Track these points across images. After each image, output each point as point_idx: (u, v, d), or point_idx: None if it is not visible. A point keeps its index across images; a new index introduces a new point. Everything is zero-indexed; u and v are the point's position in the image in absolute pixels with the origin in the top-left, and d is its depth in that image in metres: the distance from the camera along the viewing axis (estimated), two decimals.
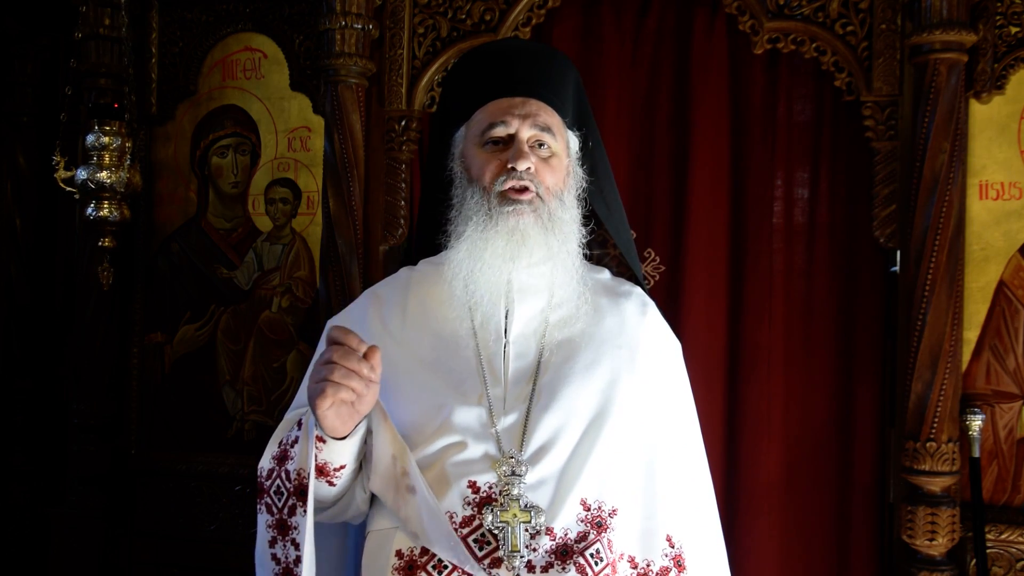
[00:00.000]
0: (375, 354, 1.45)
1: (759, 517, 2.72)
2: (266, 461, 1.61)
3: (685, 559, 1.64)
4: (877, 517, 2.68)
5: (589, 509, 1.56)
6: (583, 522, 1.55)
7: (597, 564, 1.53)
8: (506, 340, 1.68)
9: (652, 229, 2.81)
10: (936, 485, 2.48)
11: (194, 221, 3.20)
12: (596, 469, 1.58)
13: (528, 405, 1.62)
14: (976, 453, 2.51)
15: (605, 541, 1.55)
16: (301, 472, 1.53)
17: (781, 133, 2.75)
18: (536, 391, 1.63)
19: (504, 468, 1.55)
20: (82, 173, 2.91)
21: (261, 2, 3.12)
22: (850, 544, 2.69)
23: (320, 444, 1.52)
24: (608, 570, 1.55)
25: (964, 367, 2.56)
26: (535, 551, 1.51)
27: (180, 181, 3.22)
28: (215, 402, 3.14)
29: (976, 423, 2.51)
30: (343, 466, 1.56)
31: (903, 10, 2.57)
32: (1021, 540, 2.53)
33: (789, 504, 2.73)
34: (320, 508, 1.63)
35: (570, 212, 1.70)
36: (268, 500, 1.58)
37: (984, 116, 2.57)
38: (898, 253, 2.62)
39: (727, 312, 2.77)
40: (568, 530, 1.54)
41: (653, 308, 1.83)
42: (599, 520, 1.56)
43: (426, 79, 2.89)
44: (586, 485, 1.57)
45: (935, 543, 2.46)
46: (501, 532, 1.51)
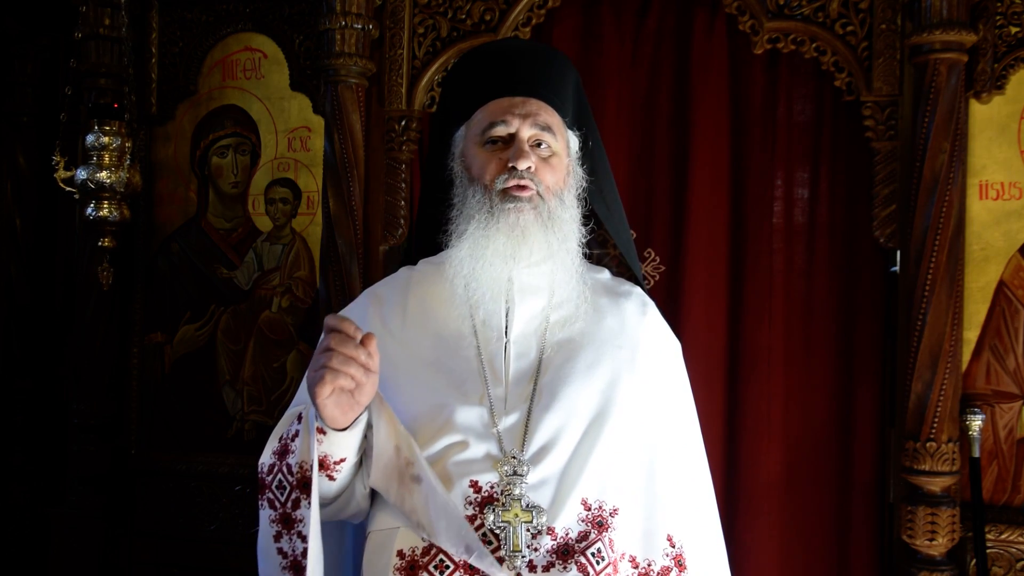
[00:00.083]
0: (371, 341, 1.44)
1: (759, 517, 2.72)
2: (266, 457, 1.61)
3: (686, 559, 1.64)
4: (877, 517, 2.69)
5: (590, 509, 1.56)
6: (584, 522, 1.55)
7: (599, 563, 1.53)
8: (507, 339, 1.68)
9: (652, 229, 2.81)
10: (936, 485, 2.48)
11: (194, 221, 3.20)
12: (597, 469, 1.58)
13: (529, 405, 1.62)
14: (976, 453, 2.51)
15: (606, 540, 1.55)
16: (303, 465, 1.53)
17: (781, 133, 2.75)
18: (537, 391, 1.63)
19: (506, 468, 1.55)
20: (82, 173, 2.91)
21: (261, 2, 3.12)
22: (850, 544, 2.69)
23: (320, 436, 1.52)
24: (609, 569, 1.54)
25: (964, 367, 2.57)
26: (536, 551, 1.51)
27: (180, 181, 3.22)
28: (215, 402, 3.14)
29: (976, 423, 2.51)
30: (343, 459, 1.55)
31: (903, 10, 2.57)
32: (1021, 540, 2.53)
33: (789, 504, 2.73)
34: (320, 504, 1.62)
35: (570, 211, 1.70)
36: (270, 495, 1.58)
37: (984, 116, 2.57)
38: (898, 253, 2.62)
39: (727, 312, 2.77)
40: (569, 530, 1.54)
41: (653, 308, 1.83)
42: (600, 519, 1.56)
43: (426, 79, 2.90)
44: (587, 485, 1.57)
45: (935, 543, 2.46)
46: (503, 532, 1.51)
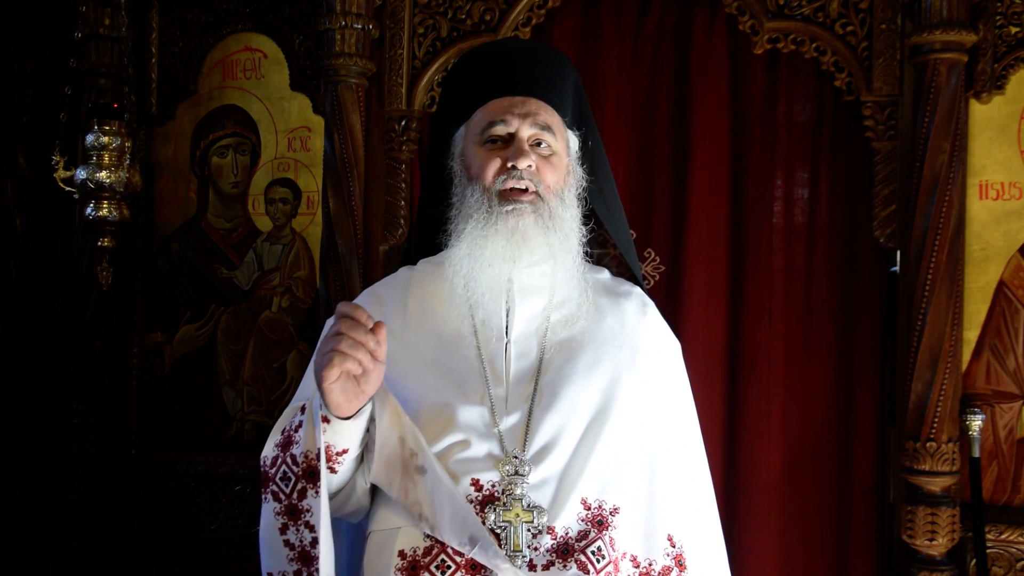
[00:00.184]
0: (381, 329, 1.44)
1: (759, 517, 2.72)
2: (269, 450, 1.60)
3: (686, 559, 1.64)
4: (877, 517, 2.68)
5: (589, 508, 1.56)
6: (584, 521, 1.55)
7: (599, 561, 1.53)
8: (507, 340, 1.68)
9: (652, 229, 2.81)
10: (936, 485, 2.48)
11: (194, 221, 3.20)
12: (597, 469, 1.58)
13: (530, 405, 1.62)
14: (976, 453, 2.51)
15: (607, 539, 1.55)
16: (308, 454, 1.52)
17: (781, 133, 2.75)
18: (538, 391, 1.63)
19: (507, 468, 1.55)
20: (81, 173, 2.90)
21: (261, 2, 3.12)
22: (850, 544, 2.69)
23: (324, 425, 1.51)
24: (610, 568, 1.54)
25: (964, 367, 2.56)
26: (536, 550, 1.51)
27: (180, 181, 3.22)
28: (215, 402, 3.14)
29: (976, 423, 2.51)
30: (346, 450, 1.55)
31: (903, 10, 2.57)
32: (1021, 540, 2.53)
33: (789, 504, 2.73)
34: None
35: (571, 211, 1.70)
36: (274, 488, 1.57)
37: (984, 116, 2.57)
38: (898, 253, 2.62)
39: (727, 312, 2.77)
40: (569, 529, 1.54)
41: (653, 308, 1.83)
42: (600, 518, 1.56)
43: (426, 79, 2.89)
44: (587, 485, 1.57)
45: (935, 543, 2.46)
46: (503, 532, 1.51)
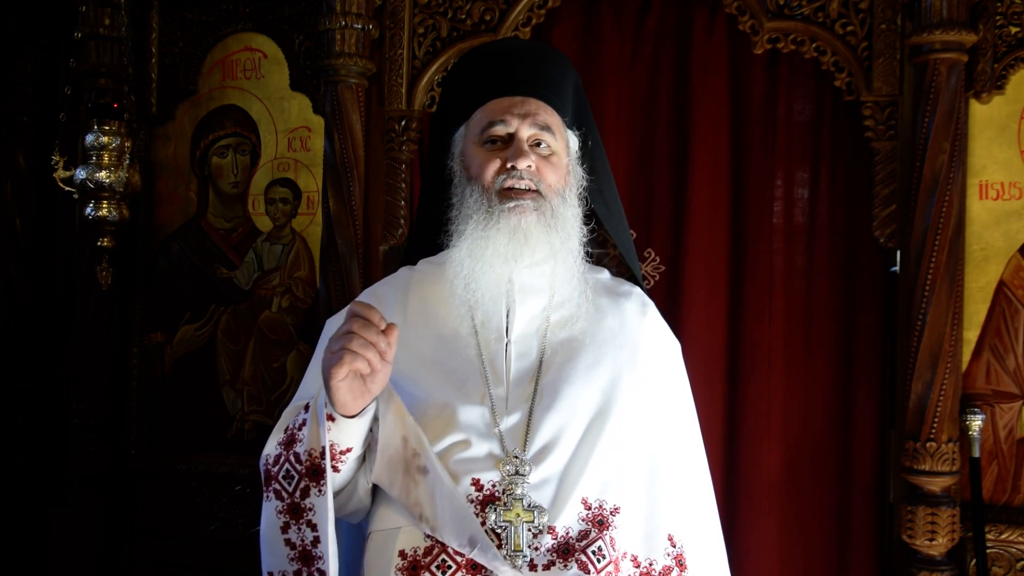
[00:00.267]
0: (393, 331, 1.45)
1: (759, 517, 2.72)
2: (271, 448, 1.60)
3: (686, 558, 1.64)
4: (877, 517, 2.68)
5: (590, 508, 1.56)
6: (584, 520, 1.55)
7: (599, 561, 1.53)
8: (508, 340, 1.68)
9: (652, 229, 2.81)
10: (936, 485, 2.48)
11: (194, 221, 3.20)
12: (597, 469, 1.58)
13: (530, 405, 1.62)
14: (976, 453, 2.51)
15: (608, 539, 1.55)
16: (312, 452, 1.52)
17: (781, 133, 2.75)
18: (538, 391, 1.63)
19: (508, 467, 1.55)
20: (81, 173, 2.91)
21: (261, 2, 3.12)
22: (850, 544, 2.69)
23: (329, 423, 1.52)
24: (611, 568, 1.54)
25: (964, 367, 2.56)
26: (537, 550, 1.51)
27: (180, 181, 3.22)
28: (215, 402, 3.14)
29: (976, 423, 2.51)
30: (349, 449, 1.55)
31: (903, 10, 2.57)
32: (1021, 540, 2.53)
33: (789, 504, 2.72)
34: None
35: (572, 210, 1.70)
36: (277, 486, 1.56)
37: (984, 116, 2.57)
38: (898, 253, 2.62)
39: (727, 312, 2.77)
40: (569, 529, 1.54)
41: (653, 308, 1.83)
42: (600, 518, 1.56)
43: (426, 79, 2.89)
44: (587, 485, 1.57)
45: (935, 543, 2.46)
46: (504, 532, 1.51)
